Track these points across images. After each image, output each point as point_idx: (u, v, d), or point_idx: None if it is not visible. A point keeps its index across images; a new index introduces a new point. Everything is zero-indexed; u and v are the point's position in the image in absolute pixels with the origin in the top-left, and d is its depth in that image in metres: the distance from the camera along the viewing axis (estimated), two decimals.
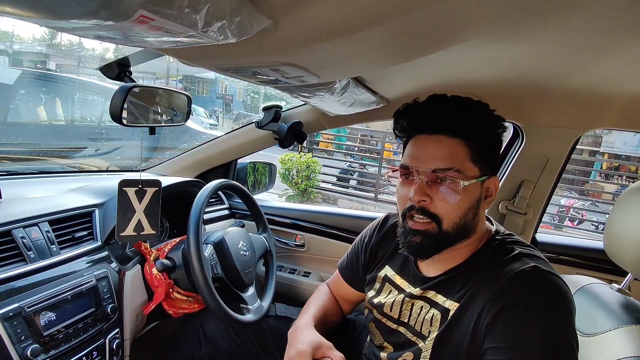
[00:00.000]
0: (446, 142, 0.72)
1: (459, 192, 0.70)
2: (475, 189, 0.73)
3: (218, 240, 1.14)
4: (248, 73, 0.69)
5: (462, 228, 0.73)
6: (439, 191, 0.71)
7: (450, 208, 0.71)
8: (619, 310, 0.76)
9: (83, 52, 16.48)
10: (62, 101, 4.10)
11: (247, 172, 1.70)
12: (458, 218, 0.72)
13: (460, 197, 0.71)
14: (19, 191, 1.08)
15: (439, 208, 0.72)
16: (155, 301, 1.05)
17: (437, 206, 0.72)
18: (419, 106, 0.76)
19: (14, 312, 0.74)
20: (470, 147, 0.72)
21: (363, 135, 9.68)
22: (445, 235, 0.72)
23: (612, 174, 9.10)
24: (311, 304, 1.00)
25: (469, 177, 0.71)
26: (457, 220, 0.72)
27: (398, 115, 0.78)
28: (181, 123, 1.08)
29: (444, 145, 0.72)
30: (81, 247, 0.96)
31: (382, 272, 0.91)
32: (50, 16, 0.33)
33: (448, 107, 0.73)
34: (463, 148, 0.71)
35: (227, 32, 0.43)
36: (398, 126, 0.79)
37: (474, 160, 0.72)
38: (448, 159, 0.71)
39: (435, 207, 0.72)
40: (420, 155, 0.73)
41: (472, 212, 0.73)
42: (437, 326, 0.75)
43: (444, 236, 0.72)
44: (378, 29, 0.52)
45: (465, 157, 0.71)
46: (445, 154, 0.71)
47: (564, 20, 0.59)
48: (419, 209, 0.72)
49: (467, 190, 0.71)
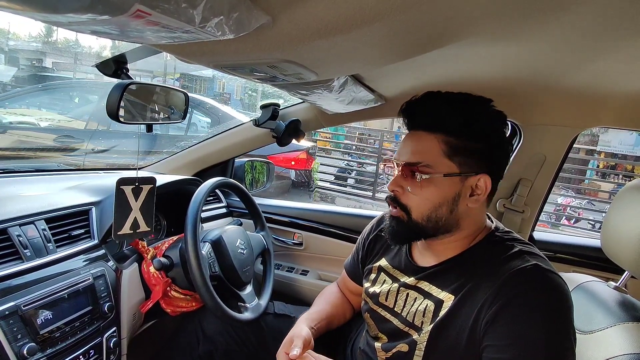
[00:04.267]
0: (424, 137, 0.75)
1: (429, 185, 0.73)
2: (449, 184, 0.74)
3: (216, 238, 1.14)
4: (246, 70, 0.69)
5: (435, 222, 0.75)
6: (410, 184, 0.75)
7: (417, 200, 0.75)
8: (615, 308, 0.76)
9: (80, 50, 16.38)
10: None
11: (245, 170, 1.70)
12: (428, 210, 0.75)
13: (432, 189, 0.73)
14: (15, 189, 1.07)
15: (407, 199, 0.77)
16: (153, 300, 1.05)
17: (407, 197, 0.77)
18: (411, 103, 0.79)
19: (10, 310, 0.74)
20: (448, 143, 0.73)
21: (361, 134, 9.68)
22: (415, 225, 0.76)
23: (609, 173, 9.14)
24: (313, 305, 1.05)
25: (438, 172, 0.73)
26: (427, 213, 0.75)
27: (401, 111, 0.82)
28: (178, 121, 1.08)
29: (420, 140, 0.75)
30: (78, 245, 0.96)
31: (378, 263, 0.93)
32: (45, 10, 0.33)
33: (434, 104, 0.76)
34: (439, 144, 0.73)
35: (224, 28, 0.43)
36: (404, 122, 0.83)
37: (450, 156, 0.73)
38: (419, 153, 0.74)
39: (405, 198, 0.77)
40: (400, 150, 0.79)
41: (446, 207, 0.74)
42: (430, 317, 0.75)
43: (414, 226, 0.77)
44: (376, 26, 0.51)
45: (438, 153, 0.73)
46: (417, 149, 0.75)
47: (562, 18, 0.59)
48: (392, 197, 0.79)
49: (435, 184, 0.73)
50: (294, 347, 0.80)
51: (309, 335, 0.86)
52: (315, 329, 0.92)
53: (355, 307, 1.10)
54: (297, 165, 3.87)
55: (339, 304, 1.07)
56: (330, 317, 1.01)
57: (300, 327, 0.89)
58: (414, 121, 0.78)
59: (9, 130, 3.74)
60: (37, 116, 4.12)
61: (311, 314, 0.98)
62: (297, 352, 0.79)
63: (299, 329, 0.88)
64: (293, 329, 0.90)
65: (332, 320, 1.01)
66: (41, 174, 1.28)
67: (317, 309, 1.02)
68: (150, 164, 1.57)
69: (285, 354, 0.82)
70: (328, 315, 1.00)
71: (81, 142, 3.48)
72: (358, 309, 1.09)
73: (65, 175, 1.33)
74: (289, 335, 0.86)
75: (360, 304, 1.07)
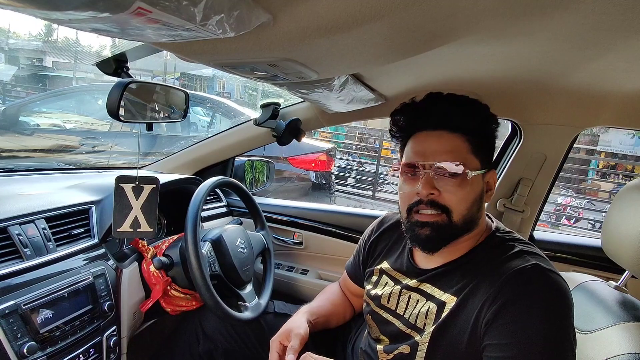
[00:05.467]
0: (448, 137, 0.75)
1: (467, 183, 0.73)
2: (478, 181, 0.76)
3: (216, 237, 1.14)
4: (246, 69, 0.68)
5: (469, 221, 0.75)
6: (446, 184, 0.73)
7: (458, 199, 0.73)
8: (616, 308, 0.76)
9: (80, 49, 16.36)
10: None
11: (245, 170, 1.70)
12: (466, 210, 0.74)
13: (468, 188, 0.73)
14: (15, 188, 1.07)
15: (447, 200, 0.74)
16: (153, 299, 1.05)
17: (445, 198, 0.74)
18: (418, 104, 0.78)
19: (10, 309, 0.74)
20: (470, 142, 0.75)
21: (361, 134, 9.68)
22: (455, 226, 0.74)
23: (609, 173, 9.14)
24: (315, 299, 1.05)
25: (472, 169, 0.74)
26: (465, 212, 0.74)
27: (396, 114, 0.81)
28: (179, 120, 1.07)
29: (446, 140, 0.74)
30: (78, 244, 0.95)
31: (379, 266, 0.93)
32: (46, 7, 0.33)
33: (447, 104, 0.76)
34: (464, 142, 0.74)
35: (225, 26, 0.43)
36: (397, 125, 0.81)
37: (475, 154, 0.75)
38: (452, 152, 0.73)
39: (444, 199, 0.74)
40: (424, 151, 0.75)
41: (477, 204, 0.76)
42: (432, 319, 0.75)
43: (454, 228, 0.74)
44: (377, 24, 0.51)
45: (467, 151, 0.74)
46: (449, 148, 0.74)
47: (563, 17, 0.59)
48: (428, 202, 0.74)
49: (473, 182, 0.74)
50: (290, 349, 0.81)
51: (307, 333, 0.87)
52: (313, 323, 0.93)
53: (356, 308, 1.10)
54: (317, 167, 3.83)
55: (339, 303, 1.07)
56: (330, 315, 1.01)
57: (300, 321, 0.90)
58: (429, 121, 0.76)
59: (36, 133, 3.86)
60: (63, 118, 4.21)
61: (312, 307, 0.99)
62: (292, 359, 0.79)
63: (297, 324, 0.88)
64: (292, 321, 0.91)
65: (330, 319, 1.02)
66: (41, 173, 1.28)
67: (318, 304, 1.03)
68: (151, 163, 1.57)
69: (280, 343, 0.83)
70: (328, 312, 1.01)
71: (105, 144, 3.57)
72: (359, 310, 1.09)
73: (66, 174, 1.33)
74: (287, 327, 0.87)
75: (360, 305, 1.07)
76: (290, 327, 0.88)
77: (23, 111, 3.89)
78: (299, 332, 0.85)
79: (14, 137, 3.58)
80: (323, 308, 1.01)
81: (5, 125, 3.70)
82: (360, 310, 1.15)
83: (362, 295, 1.06)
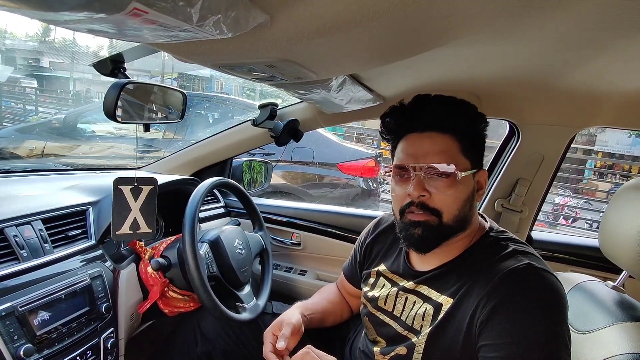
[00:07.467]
0: (438, 138, 0.75)
1: (458, 183, 0.73)
2: (469, 181, 0.76)
3: (214, 238, 1.14)
4: (244, 69, 0.68)
5: (462, 220, 0.75)
6: (437, 185, 0.73)
7: (449, 200, 0.73)
8: (613, 308, 0.76)
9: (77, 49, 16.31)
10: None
11: (243, 170, 1.69)
12: (457, 210, 0.74)
13: (460, 188, 0.73)
14: (11, 189, 1.06)
15: (437, 202, 0.74)
16: (151, 300, 1.04)
17: (435, 200, 0.74)
18: (407, 106, 0.79)
19: (6, 311, 0.73)
20: (460, 142, 0.75)
21: (359, 134, 9.68)
22: (446, 227, 0.74)
23: (606, 173, 9.17)
24: (312, 297, 1.06)
25: (463, 169, 0.74)
26: (457, 213, 0.74)
27: (386, 117, 0.82)
28: (176, 120, 1.07)
29: (437, 141, 0.75)
30: (75, 245, 0.95)
31: (376, 268, 0.93)
32: (42, 8, 0.32)
33: (436, 105, 0.77)
34: (454, 143, 0.75)
35: (222, 26, 0.43)
36: (386, 127, 0.82)
37: (465, 154, 0.75)
38: (443, 153, 0.74)
39: (434, 202, 0.74)
40: (415, 153, 0.75)
41: (468, 204, 0.76)
42: (429, 321, 0.75)
43: (445, 228, 0.74)
44: (375, 25, 0.51)
45: (457, 151, 0.75)
46: (440, 149, 0.74)
47: (560, 17, 0.59)
48: (419, 204, 0.74)
49: (464, 181, 0.74)
50: (281, 336, 0.81)
51: (299, 323, 0.87)
52: (307, 317, 0.93)
53: (354, 308, 1.10)
54: (365, 173, 3.82)
55: (336, 302, 1.07)
56: (326, 312, 1.01)
57: (292, 312, 0.90)
58: (419, 123, 0.76)
59: (93, 140, 4.07)
60: (116, 126, 4.27)
61: (307, 303, 0.99)
62: (283, 345, 0.79)
63: (289, 315, 0.89)
64: (285, 313, 0.91)
65: (326, 317, 1.02)
66: (38, 174, 1.27)
67: (314, 301, 1.03)
68: (148, 163, 1.56)
69: (273, 334, 0.83)
70: (324, 309, 1.01)
71: (158, 151, 3.68)
72: (356, 311, 1.09)
73: (62, 175, 1.33)
74: (280, 319, 0.87)
75: (358, 306, 1.07)
76: (283, 318, 0.88)
77: (81, 119, 4.14)
78: (291, 322, 0.85)
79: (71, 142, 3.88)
80: (318, 305, 1.01)
81: (65, 132, 4.04)
82: (359, 311, 1.16)
83: (359, 296, 1.07)
